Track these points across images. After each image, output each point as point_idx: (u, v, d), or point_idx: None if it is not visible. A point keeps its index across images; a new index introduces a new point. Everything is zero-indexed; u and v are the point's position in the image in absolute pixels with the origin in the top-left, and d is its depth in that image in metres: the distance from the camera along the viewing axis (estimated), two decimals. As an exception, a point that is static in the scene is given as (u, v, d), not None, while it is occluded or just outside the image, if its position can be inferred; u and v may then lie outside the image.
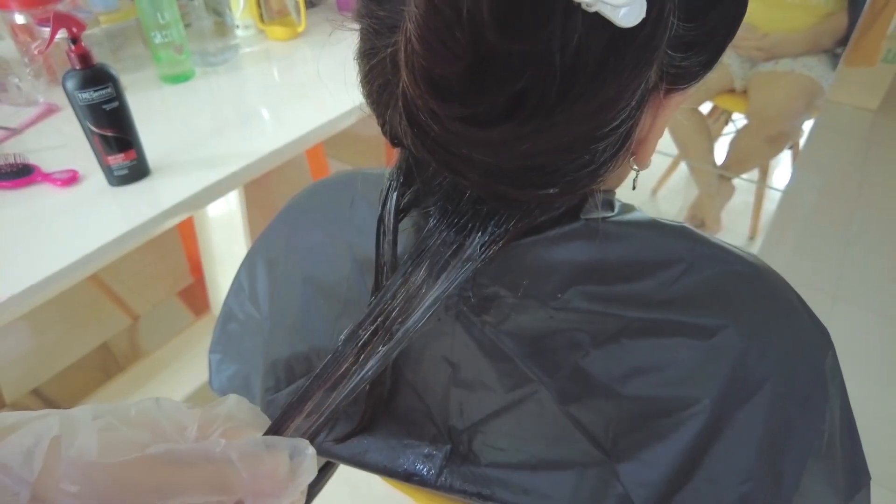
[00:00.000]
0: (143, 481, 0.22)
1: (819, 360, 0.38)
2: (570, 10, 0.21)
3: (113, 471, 0.22)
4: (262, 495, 0.23)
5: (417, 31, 0.22)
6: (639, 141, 0.30)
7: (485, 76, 0.22)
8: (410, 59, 0.23)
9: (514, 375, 0.36)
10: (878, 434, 1.39)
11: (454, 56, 0.22)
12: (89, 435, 0.23)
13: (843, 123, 2.77)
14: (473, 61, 0.22)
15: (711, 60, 0.28)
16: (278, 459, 0.24)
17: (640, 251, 0.35)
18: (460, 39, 0.21)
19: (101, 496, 0.22)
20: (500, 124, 0.23)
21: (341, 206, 0.43)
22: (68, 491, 0.21)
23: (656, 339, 0.34)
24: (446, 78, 0.22)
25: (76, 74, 0.71)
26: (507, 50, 0.21)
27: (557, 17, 0.21)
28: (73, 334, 1.62)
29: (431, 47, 0.22)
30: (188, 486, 0.23)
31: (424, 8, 0.21)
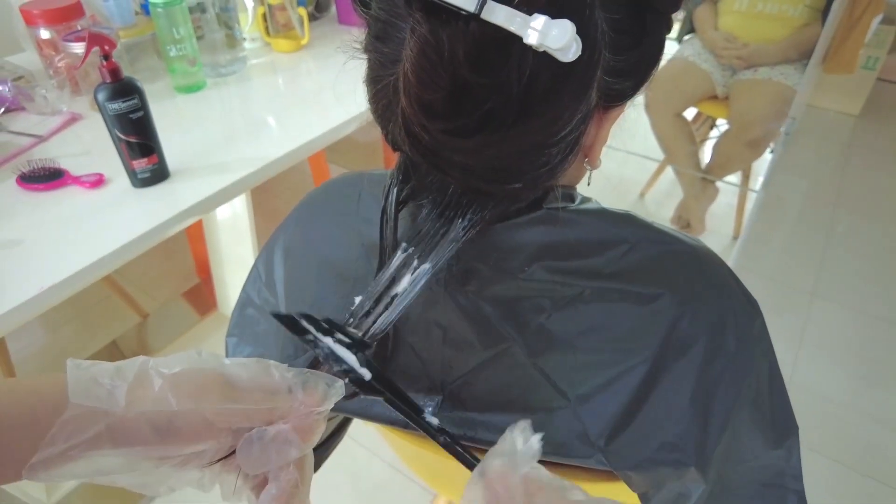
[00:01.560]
0: (213, 390, 0.31)
1: (747, 324, 0.46)
2: (523, 51, 0.29)
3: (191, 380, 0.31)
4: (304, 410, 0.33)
5: (412, 69, 0.30)
6: (588, 146, 0.39)
7: (461, 100, 0.30)
8: (407, 88, 0.31)
9: (491, 334, 0.44)
10: (853, 425, 1.47)
11: (438, 87, 0.30)
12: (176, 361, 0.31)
13: (826, 128, 2.86)
14: (452, 90, 0.30)
15: (639, 83, 0.37)
16: (319, 384, 0.33)
17: (591, 233, 0.43)
18: (443, 75, 0.29)
19: (183, 395, 0.30)
20: (474, 135, 0.31)
21: (350, 200, 0.51)
22: (157, 393, 0.30)
23: (605, 304, 0.42)
24: (433, 102, 0.30)
25: (107, 87, 0.79)
26: (476, 82, 0.30)
27: (514, 58, 0.29)
28: (85, 332, 1.69)
29: (422, 80, 0.30)
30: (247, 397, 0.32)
31: (417, 53, 0.30)
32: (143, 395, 0.30)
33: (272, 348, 0.64)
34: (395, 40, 0.33)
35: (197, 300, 1.85)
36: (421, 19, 0.29)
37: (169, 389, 0.31)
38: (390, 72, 0.34)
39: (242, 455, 0.33)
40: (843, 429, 1.47)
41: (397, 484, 1.33)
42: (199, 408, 0.31)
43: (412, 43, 0.30)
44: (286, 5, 1.32)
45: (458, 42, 0.29)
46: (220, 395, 0.32)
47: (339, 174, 0.61)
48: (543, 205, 0.43)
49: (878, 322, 1.77)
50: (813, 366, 1.63)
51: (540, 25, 0.28)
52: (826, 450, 1.40)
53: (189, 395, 0.31)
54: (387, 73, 0.34)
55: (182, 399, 0.31)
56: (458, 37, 0.29)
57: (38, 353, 1.62)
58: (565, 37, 0.28)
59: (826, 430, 1.45)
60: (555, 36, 0.28)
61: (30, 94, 1.08)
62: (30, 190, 0.88)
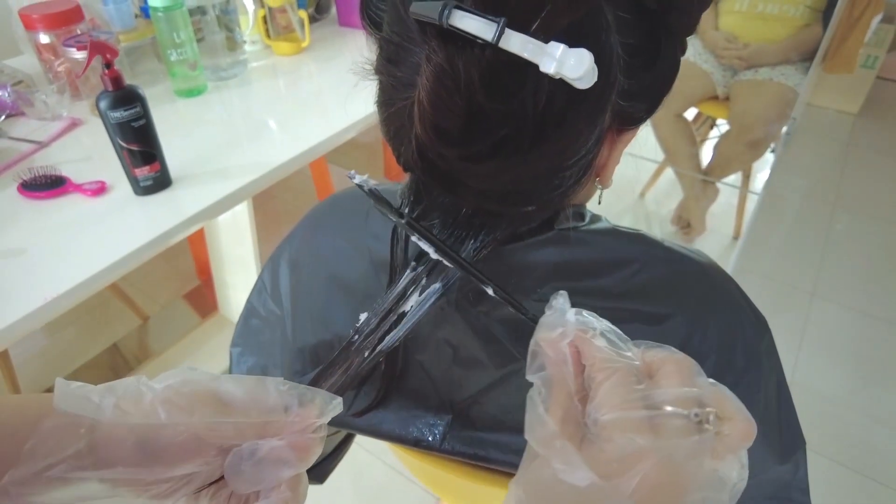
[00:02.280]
0: (203, 404, 0.30)
1: (756, 341, 0.46)
2: (539, 77, 0.29)
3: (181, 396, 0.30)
4: (300, 426, 0.31)
5: (427, 97, 0.30)
6: (600, 167, 0.38)
7: (476, 127, 0.30)
8: (422, 115, 0.31)
9: (502, 355, 0.44)
10: (852, 425, 1.48)
11: (454, 114, 0.30)
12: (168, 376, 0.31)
13: (825, 127, 2.86)
14: (468, 117, 0.30)
15: (653, 107, 0.36)
16: (316, 399, 0.32)
17: (602, 254, 0.43)
18: (459, 103, 0.29)
19: (174, 409, 0.29)
20: (489, 160, 0.31)
21: (358, 216, 0.51)
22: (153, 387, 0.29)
23: (617, 325, 0.42)
24: (449, 129, 0.30)
25: (109, 95, 0.79)
26: (492, 109, 0.29)
27: (529, 85, 0.29)
28: (85, 335, 1.68)
29: (438, 108, 0.30)
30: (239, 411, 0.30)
31: (433, 81, 0.29)
32: (132, 408, 0.29)
33: (276, 359, 0.64)
34: (409, 64, 0.33)
35: (198, 302, 1.85)
36: (437, 47, 0.29)
37: (159, 403, 0.29)
38: (403, 96, 0.33)
39: (232, 472, 0.31)
40: (843, 429, 1.47)
41: (399, 485, 1.33)
42: (189, 422, 0.30)
43: (428, 71, 0.30)
44: (286, 7, 1.31)
45: (474, 69, 0.29)
46: (212, 410, 0.30)
47: (344, 188, 0.60)
48: (555, 225, 0.43)
49: (878, 322, 1.78)
50: (813, 365, 1.64)
51: (557, 54, 0.28)
52: (825, 450, 1.41)
53: (179, 409, 0.30)
54: (400, 96, 0.34)
55: (172, 412, 0.29)
56: (474, 64, 0.29)
57: (38, 357, 1.62)
58: (583, 67, 0.27)
59: (825, 430, 1.46)
60: (572, 66, 0.27)
61: (30, 99, 1.07)
62: (31, 198, 0.88)
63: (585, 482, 0.25)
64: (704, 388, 0.27)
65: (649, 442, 0.25)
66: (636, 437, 0.25)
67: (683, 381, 0.27)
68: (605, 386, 0.27)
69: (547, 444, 0.27)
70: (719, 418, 0.26)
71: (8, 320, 0.69)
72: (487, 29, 0.28)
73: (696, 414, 0.26)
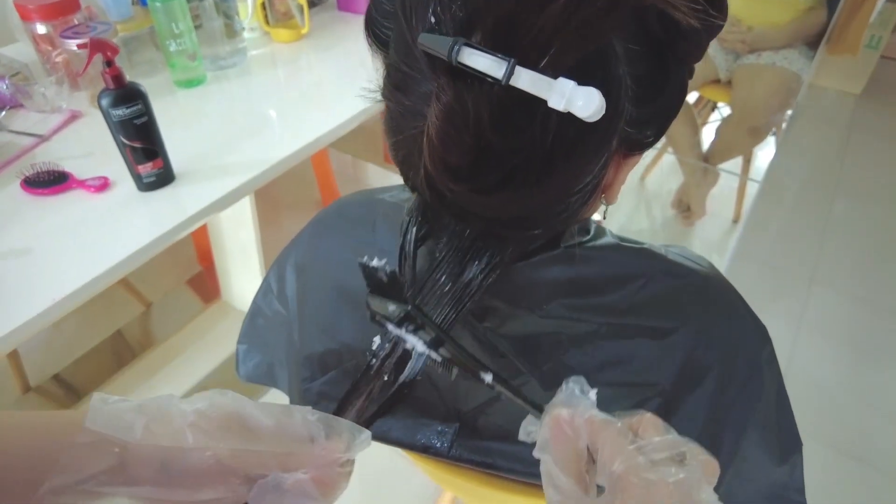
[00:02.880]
0: (230, 429, 0.31)
1: (756, 353, 0.47)
2: (547, 113, 0.29)
3: (209, 421, 0.31)
4: (326, 459, 0.32)
5: (437, 134, 0.30)
6: (606, 187, 0.39)
7: (485, 163, 0.30)
8: (431, 151, 0.31)
9: (508, 369, 0.45)
10: (849, 411, 1.50)
11: (463, 151, 0.30)
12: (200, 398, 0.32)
13: (827, 108, 2.85)
14: (477, 154, 0.30)
15: (659, 133, 0.37)
16: (343, 436, 0.33)
17: (607, 270, 0.44)
18: (467, 140, 0.29)
19: (200, 435, 0.31)
20: (496, 193, 0.32)
21: (365, 227, 0.52)
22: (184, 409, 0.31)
23: (621, 340, 0.43)
24: (458, 165, 0.31)
25: (110, 94, 0.78)
26: (501, 145, 0.30)
27: (538, 120, 0.29)
28: (88, 323, 1.70)
29: (447, 145, 0.30)
30: (265, 440, 0.32)
31: (442, 119, 0.30)
32: (161, 430, 0.31)
33: (282, 358, 0.65)
34: (417, 94, 0.33)
35: (200, 288, 1.86)
36: (446, 85, 0.29)
37: (187, 426, 0.31)
38: (412, 124, 0.34)
39: (255, 503, 0.32)
40: (838, 414, 1.50)
41: (401, 470, 1.35)
42: (215, 447, 0.31)
43: (437, 109, 0.30)
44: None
45: (483, 106, 0.29)
46: (238, 436, 0.31)
47: (357, 191, 0.60)
48: (561, 243, 0.43)
49: (876, 309, 1.80)
50: (810, 351, 1.66)
51: (567, 91, 0.28)
52: (821, 435, 1.43)
53: (206, 434, 0.31)
54: (408, 125, 0.34)
55: (198, 436, 0.31)
56: (484, 102, 0.29)
57: (43, 345, 1.63)
58: (592, 106, 0.28)
59: (821, 416, 1.48)
60: (581, 106, 0.28)
61: (28, 92, 1.06)
62: (35, 195, 0.88)
63: None
64: (676, 436, 0.31)
65: (668, 479, 0.28)
66: (650, 475, 0.28)
67: (659, 432, 0.31)
68: (610, 443, 0.31)
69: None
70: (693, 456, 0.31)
71: (18, 321, 0.70)
72: (497, 67, 0.28)
73: (678, 454, 0.30)
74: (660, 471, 0.29)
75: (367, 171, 2.26)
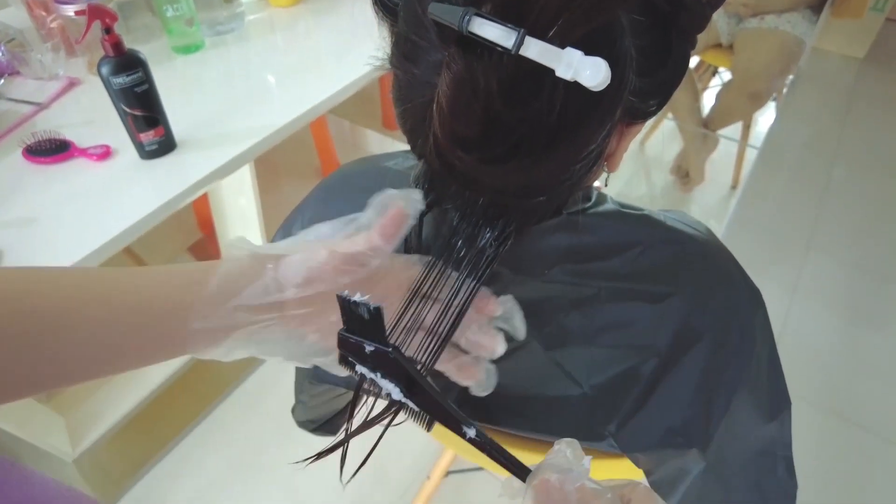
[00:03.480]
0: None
1: (749, 317, 0.49)
2: (554, 82, 0.30)
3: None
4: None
5: (447, 104, 0.31)
6: (608, 155, 0.40)
7: (494, 133, 0.31)
8: (441, 122, 0.32)
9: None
10: (841, 375, 1.54)
11: (473, 122, 0.31)
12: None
13: (829, 72, 2.82)
14: (486, 124, 0.31)
15: (662, 103, 0.37)
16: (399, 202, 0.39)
17: (608, 237, 0.45)
18: (477, 111, 0.30)
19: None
20: (504, 163, 0.32)
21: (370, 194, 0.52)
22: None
23: (620, 304, 0.45)
24: (467, 136, 0.31)
25: (110, 61, 0.78)
26: (509, 115, 0.30)
27: (546, 90, 0.30)
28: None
29: (456, 115, 0.31)
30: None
31: (453, 89, 0.30)
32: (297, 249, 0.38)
33: None
34: (426, 63, 0.33)
35: (202, 255, 1.86)
36: (456, 55, 0.30)
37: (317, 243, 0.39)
38: (421, 93, 0.34)
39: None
40: (829, 377, 1.54)
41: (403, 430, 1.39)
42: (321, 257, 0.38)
43: (447, 78, 0.30)
44: (282, -44, 1.27)
45: (492, 77, 0.30)
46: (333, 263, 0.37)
47: (361, 158, 0.61)
48: (563, 210, 0.44)
49: (870, 274, 1.82)
50: (804, 316, 1.68)
51: (574, 61, 0.29)
52: (811, 397, 1.47)
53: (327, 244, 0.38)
54: (417, 94, 0.35)
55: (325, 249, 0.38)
56: (493, 71, 0.30)
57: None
58: (599, 76, 0.28)
59: (812, 378, 1.52)
60: (588, 75, 0.28)
61: (24, 58, 1.05)
62: (37, 163, 0.88)
63: None
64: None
65: None
66: None
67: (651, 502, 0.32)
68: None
69: None
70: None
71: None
72: (507, 37, 0.28)
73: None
74: None
75: (365, 137, 2.25)
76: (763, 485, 0.58)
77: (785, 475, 0.59)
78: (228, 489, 1.30)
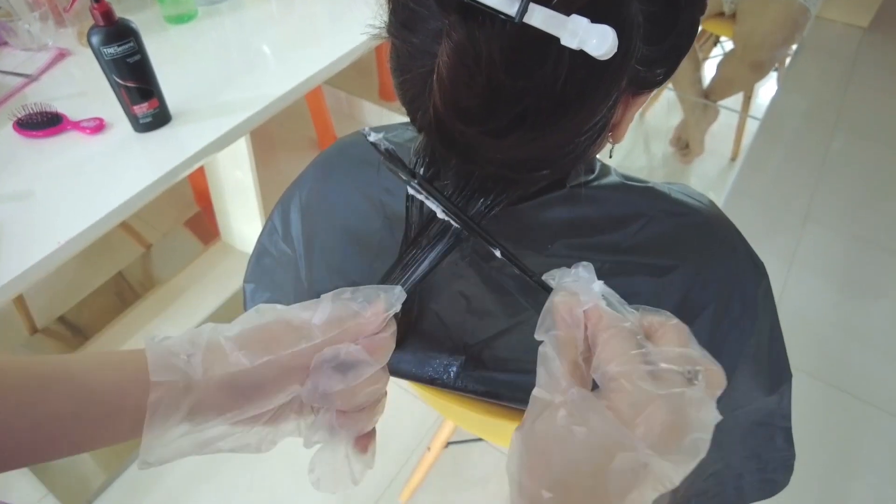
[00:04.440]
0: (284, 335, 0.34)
1: (752, 288, 0.48)
2: (560, 51, 0.29)
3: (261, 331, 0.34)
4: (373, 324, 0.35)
5: (448, 74, 0.30)
6: (614, 125, 0.39)
7: (496, 104, 0.30)
8: (442, 93, 0.31)
9: (513, 305, 0.47)
10: (836, 345, 1.55)
11: (475, 93, 0.30)
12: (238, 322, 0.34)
13: (832, 41, 2.77)
14: (488, 95, 0.30)
15: (669, 72, 0.36)
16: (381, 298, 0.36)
17: (611, 209, 0.45)
18: (479, 80, 0.29)
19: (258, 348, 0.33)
20: (507, 136, 0.32)
21: (370, 168, 0.52)
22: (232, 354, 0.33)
23: (622, 277, 0.45)
24: (469, 107, 0.31)
25: (100, 31, 0.76)
26: (512, 85, 0.30)
27: (550, 59, 0.29)
28: (90, 265, 1.71)
29: (458, 86, 0.30)
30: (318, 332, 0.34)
31: (454, 59, 0.29)
32: (218, 359, 0.33)
33: (290, 296, 0.66)
34: (425, 31, 0.32)
35: (199, 229, 1.86)
36: (456, 23, 0.29)
37: (239, 351, 0.33)
38: (420, 63, 0.33)
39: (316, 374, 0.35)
40: (825, 346, 1.55)
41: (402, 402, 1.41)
42: (273, 359, 0.33)
43: (448, 48, 0.30)
44: (274, -79, 1.23)
45: (494, 45, 0.29)
46: (291, 338, 0.34)
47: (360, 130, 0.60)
48: (566, 182, 0.44)
49: (867, 245, 1.82)
50: (801, 287, 1.69)
51: (580, 29, 0.28)
52: (807, 366, 1.49)
53: (261, 350, 0.33)
54: (416, 64, 0.34)
55: (256, 355, 0.33)
56: (495, 41, 0.29)
57: (46, 288, 1.65)
58: (606, 45, 0.28)
59: (808, 348, 1.53)
60: (595, 44, 0.28)
61: (12, 29, 1.03)
62: (29, 137, 0.87)
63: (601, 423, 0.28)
64: (697, 350, 0.30)
65: (660, 390, 0.28)
66: (645, 385, 0.28)
67: (681, 343, 0.30)
68: (611, 343, 0.30)
69: (563, 393, 0.29)
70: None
71: (23, 266, 0.70)
72: (509, 4, 0.28)
73: (689, 371, 0.29)
74: (660, 382, 0.28)
75: (361, 107, 2.22)
76: (762, 454, 0.59)
77: (784, 445, 0.59)
78: (229, 460, 1.31)
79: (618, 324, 0.31)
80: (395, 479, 1.28)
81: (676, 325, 0.31)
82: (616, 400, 0.28)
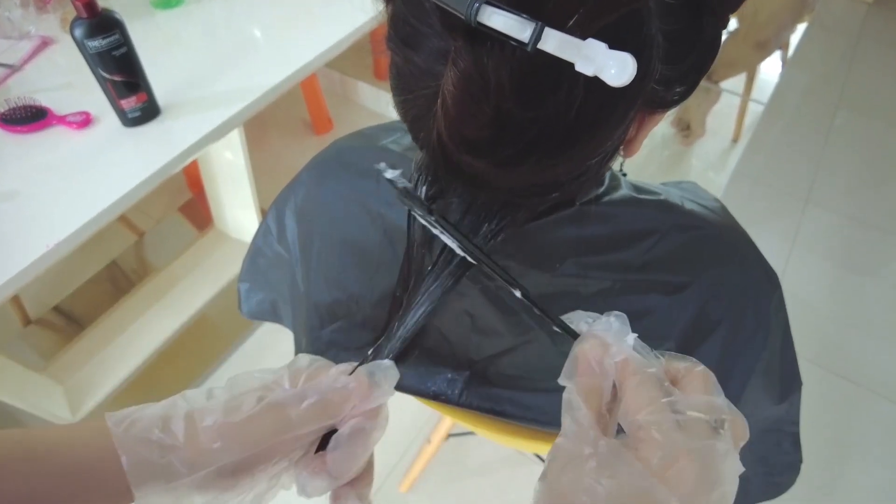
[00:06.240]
0: (266, 426, 0.31)
1: (765, 302, 0.47)
2: (574, 78, 0.27)
3: (242, 425, 0.31)
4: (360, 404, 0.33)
5: (454, 104, 0.28)
6: (627, 142, 0.37)
7: (504, 135, 0.28)
8: (448, 122, 0.29)
9: (519, 325, 0.45)
10: (832, 326, 1.55)
11: (482, 124, 0.28)
12: (214, 406, 0.31)
13: (836, 16, 2.72)
14: (497, 126, 0.28)
15: (689, 91, 0.34)
16: (363, 377, 0.34)
17: (622, 226, 0.43)
18: (487, 111, 0.27)
19: (238, 444, 0.31)
20: (515, 166, 0.30)
21: (369, 178, 0.49)
22: (214, 448, 0.30)
23: (635, 296, 0.43)
24: (476, 139, 0.28)
25: (84, 23, 0.73)
26: (522, 115, 0.27)
27: (563, 87, 0.27)
28: (83, 254, 1.67)
29: (464, 116, 0.28)
30: (301, 421, 0.32)
31: (460, 88, 0.27)
32: (199, 447, 0.30)
33: (285, 296, 0.65)
34: (428, 51, 0.30)
35: (192, 215, 1.83)
36: (463, 49, 0.27)
37: (221, 442, 0.30)
38: (423, 83, 0.31)
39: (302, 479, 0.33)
40: (824, 331, 1.55)
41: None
42: (262, 447, 0.31)
43: (453, 76, 0.27)
44: None
45: (503, 73, 0.26)
46: (275, 426, 0.31)
47: (357, 132, 0.57)
48: (576, 200, 0.42)
49: (867, 227, 1.81)
50: (801, 270, 1.68)
51: (597, 56, 0.25)
52: (805, 351, 1.48)
53: (246, 443, 0.31)
54: (419, 84, 0.31)
55: (243, 447, 0.31)
56: (505, 68, 0.26)
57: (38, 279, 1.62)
58: (625, 74, 0.25)
59: (807, 333, 1.53)
60: (614, 74, 0.25)
61: (-7, 16, 0.99)
62: (13, 132, 0.84)
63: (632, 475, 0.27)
64: (722, 400, 0.29)
65: (690, 440, 0.27)
66: (675, 435, 0.27)
67: (707, 390, 0.29)
68: (639, 390, 0.29)
69: (592, 445, 0.28)
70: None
71: (15, 269, 0.69)
72: (521, 28, 0.25)
73: (716, 420, 0.28)
74: (688, 432, 0.27)
75: (357, 88, 2.18)
76: (769, 458, 0.59)
77: (791, 449, 0.59)
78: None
79: (644, 370, 0.30)
80: (395, 468, 1.29)
81: (703, 372, 0.30)
82: (645, 450, 0.27)
